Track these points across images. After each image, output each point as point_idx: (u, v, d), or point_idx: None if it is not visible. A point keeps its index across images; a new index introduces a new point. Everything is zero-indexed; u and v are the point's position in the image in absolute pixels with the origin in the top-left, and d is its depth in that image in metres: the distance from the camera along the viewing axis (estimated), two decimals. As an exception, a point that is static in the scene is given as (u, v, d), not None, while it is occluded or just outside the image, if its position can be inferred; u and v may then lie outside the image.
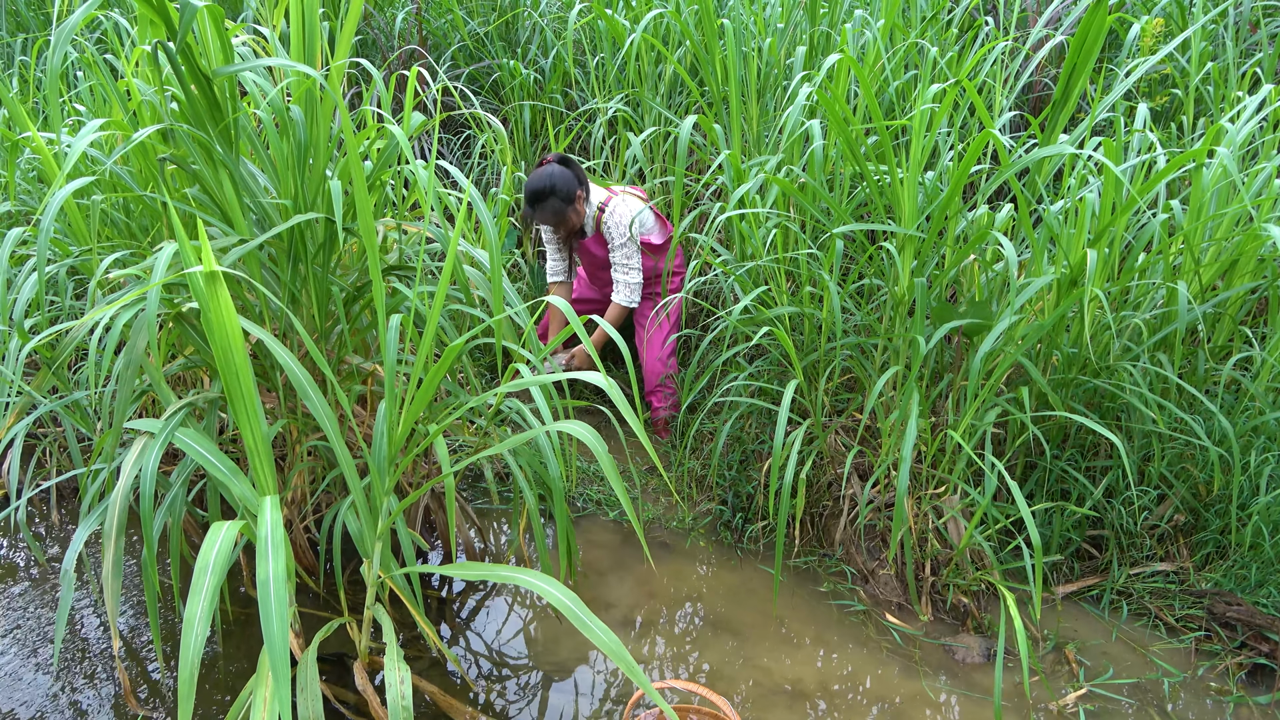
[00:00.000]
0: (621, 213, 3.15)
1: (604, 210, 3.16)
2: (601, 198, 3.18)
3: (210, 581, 1.39)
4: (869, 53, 2.92)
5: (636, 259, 3.20)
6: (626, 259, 3.20)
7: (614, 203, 3.16)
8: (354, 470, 1.80)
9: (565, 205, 3.10)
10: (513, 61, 4.05)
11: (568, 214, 3.13)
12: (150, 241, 2.35)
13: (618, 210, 3.15)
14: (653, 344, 3.35)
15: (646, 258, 3.27)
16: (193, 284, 1.40)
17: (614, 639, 1.45)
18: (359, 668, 2.02)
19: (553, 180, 3.06)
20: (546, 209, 3.10)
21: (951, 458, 2.44)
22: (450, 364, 1.67)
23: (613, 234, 3.17)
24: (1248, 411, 2.53)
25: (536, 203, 3.09)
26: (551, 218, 3.13)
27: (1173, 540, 2.61)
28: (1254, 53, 3.60)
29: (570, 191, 3.09)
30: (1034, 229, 2.56)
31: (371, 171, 2.18)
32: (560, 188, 3.06)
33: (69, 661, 2.32)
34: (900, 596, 2.56)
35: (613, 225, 3.15)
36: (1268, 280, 2.47)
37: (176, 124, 1.85)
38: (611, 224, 3.15)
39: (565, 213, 3.12)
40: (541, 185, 3.06)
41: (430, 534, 2.74)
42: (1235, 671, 2.31)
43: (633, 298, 3.23)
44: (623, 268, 3.22)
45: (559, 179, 3.06)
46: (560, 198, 3.08)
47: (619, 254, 3.21)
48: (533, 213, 3.13)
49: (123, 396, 1.79)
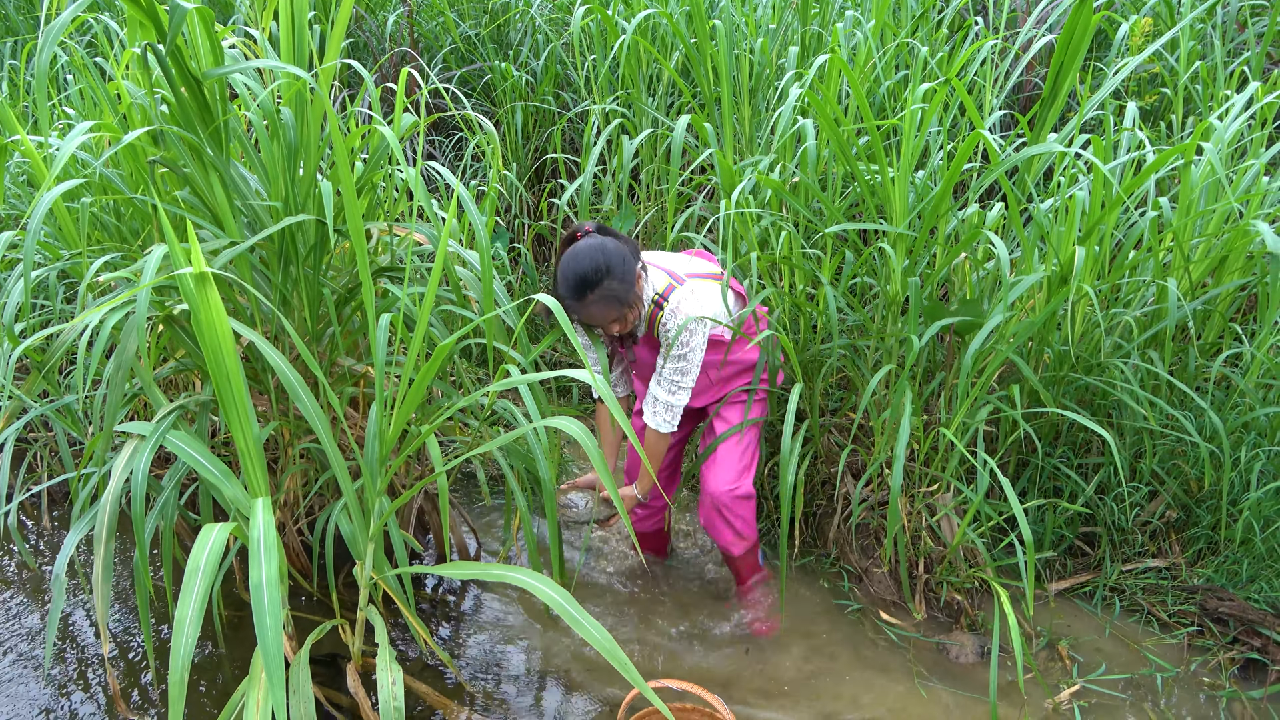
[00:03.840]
0: (689, 312, 2.16)
1: (662, 305, 2.19)
2: (661, 284, 2.21)
3: (201, 584, 1.38)
4: (860, 53, 2.93)
5: (691, 379, 2.25)
6: (679, 375, 2.23)
7: (678, 296, 2.17)
8: (346, 472, 1.80)
9: (626, 290, 2.12)
10: (504, 64, 4.05)
11: (628, 303, 2.14)
12: (141, 244, 2.35)
13: (683, 308, 2.16)
14: (724, 461, 2.38)
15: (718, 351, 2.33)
16: (183, 286, 1.40)
17: (607, 636, 1.45)
18: (351, 669, 2.01)
19: (605, 258, 2.08)
20: (601, 298, 2.10)
21: (944, 456, 2.44)
22: (440, 364, 1.67)
23: (670, 339, 2.19)
24: (1238, 408, 2.54)
25: (586, 292, 2.08)
26: (609, 310, 2.13)
27: (1165, 536, 2.62)
28: (1242, 51, 3.62)
29: (629, 271, 2.11)
30: (1024, 227, 2.56)
31: (362, 174, 2.18)
32: (616, 266, 2.08)
33: (60, 666, 2.31)
34: (894, 595, 2.56)
35: (672, 328, 2.17)
36: (1256, 277, 2.48)
37: (167, 126, 1.85)
38: (671, 326, 2.17)
39: (626, 300, 2.13)
40: (590, 267, 2.08)
41: (423, 535, 2.73)
42: (1228, 666, 2.32)
43: (671, 423, 2.29)
44: (670, 384, 2.25)
45: (612, 255, 2.09)
46: (618, 279, 2.10)
47: (671, 367, 2.23)
48: (579, 307, 2.12)
49: (113, 400, 1.78)
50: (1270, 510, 2.41)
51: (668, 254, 2.39)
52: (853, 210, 2.87)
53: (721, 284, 2.29)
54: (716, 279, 2.30)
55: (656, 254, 2.34)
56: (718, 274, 2.32)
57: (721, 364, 2.35)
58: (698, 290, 2.23)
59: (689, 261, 2.36)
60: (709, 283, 2.29)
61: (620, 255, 2.11)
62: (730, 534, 2.41)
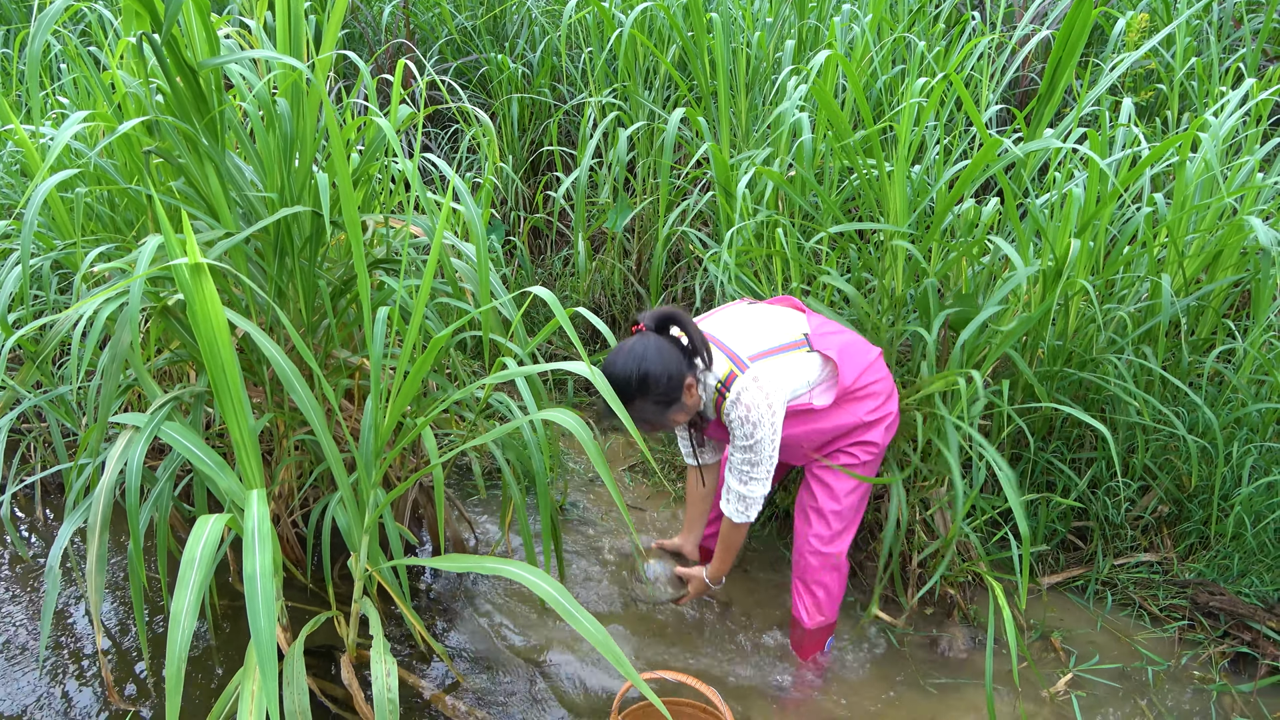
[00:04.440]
0: (751, 403, 1.97)
1: (725, 393, 2.00)
2: (722, 371, 2.00)
3: (197, 575, 1.38)
4: (857, 47, 2.92)
5: (765, 469, 2.05)
6: (749, 465, 2.05)
7: (739, 386, 1.97)
8: (341, 464, 1.80)
9: (664, 408, 1.98)
10: (501, 55, 4.04)
11: (670, 415, 2.01)
12: (135, 235, 2.34)
13: (744, 398, 1.97)
14: (815, 520, 2.22)
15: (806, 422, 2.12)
16: (178, 276, 1.39)
17: (600, 629, 1.45)
18: (346, 661, 2.02)
19: (641, 371, 1.92)
20: (639, 411, 1.98)
21: (939, 451, 2.45)
22: (436, 356, 1.67)
23: (734, 429, 2.03)
24: (1230, 403, 2.56)
25: (625, 402, 1.93)
26: (654, 417, 2.01)
27: (1156, 531, 2.63)
28: (1238, 48, 3.63)
29: (675, 382, 1.95)
30: (1020, 222, 2.57)
31: (358, 165, 2.18)
32: (653, 380, 1.92)
33: (55, 657, 2.31)
34: (887, 588, 2.57)
35: (735, 419, 2.00)
36: (1250, 273, 2.49)
37: (162, 116, 1.84)
38: (734, 416, 2.00)
39: (667, 410, 1.99)
40: (623, 381, 1.93)
41: (418, 529, 2.74)
42: (1218, 660, 2.33)
43: (747, 513, 2.12)
44: (741, 474, 2.08)
45: (651, 367, 1.92)
46: (657, 398, 1.95)
47: (739, 456, 2.06)
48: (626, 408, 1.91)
49: (107, 391, 1.78)
50: (1261, 505, 2.42)
51: (742, 316, 2.14)
52: (849, 204, 2.87)
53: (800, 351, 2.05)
54: (793, 348, 2.06)
55: (726, 319, 2.12)
56: (794, 343, 2.07)
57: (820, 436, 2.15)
58: (762, 377, 1.98)
59: (765, 327, 2.09)
60: (781, 358, 2.03)
61: (661, 366, 1.92)
62: (809, 601, 2.27)
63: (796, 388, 2.06)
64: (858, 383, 2.09)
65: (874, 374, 2.14)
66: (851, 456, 2.17)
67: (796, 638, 2.36)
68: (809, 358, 2.06)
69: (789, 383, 2.03)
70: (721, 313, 2.17)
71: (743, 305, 2.21)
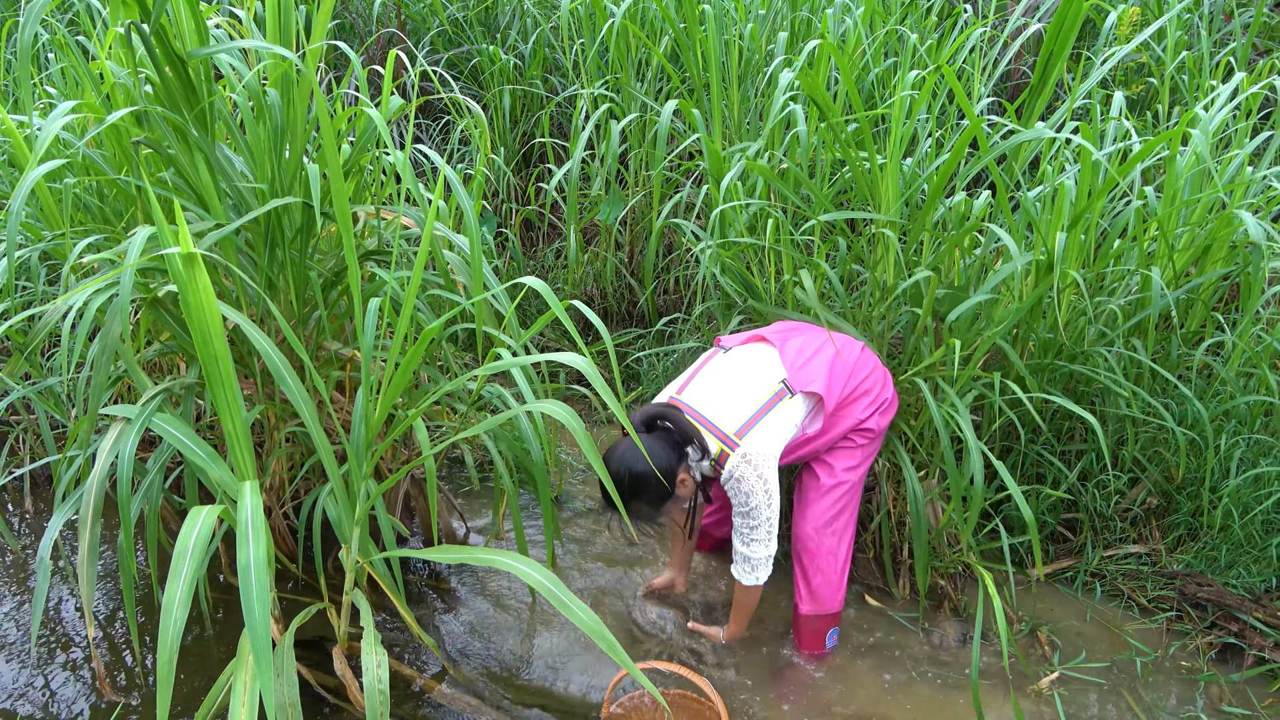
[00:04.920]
0: (743, 477, 2.04)
1: (721, 468, 2.08)
2: (714, 450, 2.06)
3: (189, 566, 1.38)
4: (850, 39, 2.92)
5: (765, 530, 2.11)
6: (748, 529, 2.13)
7: (731, 464, 2.05)
8: (332, 456, 1.79)
9: (658, 503, 2.07)
10: (492, 47, 4.02)
11: (666, 508, 2.11)
12: (125, 226, 2.32)
13: (736, 473, 2.05)
14: (814, 500, 2.26)
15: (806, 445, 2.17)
16: (171, 266, 1.38)
17: (594, 618, 1.46)
18: (338, 652, 2.02)
19: (635, 472, 2.00)
20: (634, 511, 2.08)
21: (931, 441, 2.46)
22: (427, 347, 1.67)
23: (731, 497, 2.12)
24: (1219, 396, 2.57)
25: (622, 502, 1.96)
26: (647, 520, 2.13)
27: (1145, 523, 2.65)
28: (1228, 42, 3.64)
29: (668, 478, 2.03)
30: (1011, 215, 2.58)
31: (349, 156, 2.17)
32: (644, 484, 2.01)
33: (45, 650, 2.30)
34: (879, 579, 2.59)
35: (730, 489, 2.10)
36: (1239, 266, 2.50)
37: (151, 107, 1.83)
38: (729, 488, 2.10)
39: (660, 507, 2.10)
40: (616, 481, 2.01)
41: (410, 520, 2.73)
42: (1206, 650, 2.35)
43: (754, 575, 2.17)
44: (743, 537, 2.15)
45: (641, 472, 2.00)
46: (646, 498, 2.05)
47: (738, 520, 2.14)
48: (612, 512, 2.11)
49: (97, 382, 1.77)
50: (1249, 497, 2.44)
51: (718, 376, 2.17)
52: (840, 197, 2.87)
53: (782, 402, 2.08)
54: (775, 402, 2.08)
55: (705, 386, 2.16)
56: (775, 395, 2.09)
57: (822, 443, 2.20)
58: (752, 453, 2.04)
59: (743, 386, 2.12)
60: (767, 420, 2.07)
61: (650, 469, 1.99)
62: (804, 586, 2.29)
63: (788, 436, 2.11)
64: (845, 394, 2.14)
65: (860, 373, 2.17)
66: (850, 442, 2.21)
67: (796, 626, 2.37)
68: (792, 403, 2.10)
69: (779, 439, 2.09)
70: (699, 376, 2.19)
71: (717, 359, 2.22)
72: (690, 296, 3.48)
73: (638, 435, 1.97)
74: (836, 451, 2.22)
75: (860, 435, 2.20)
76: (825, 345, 2.17)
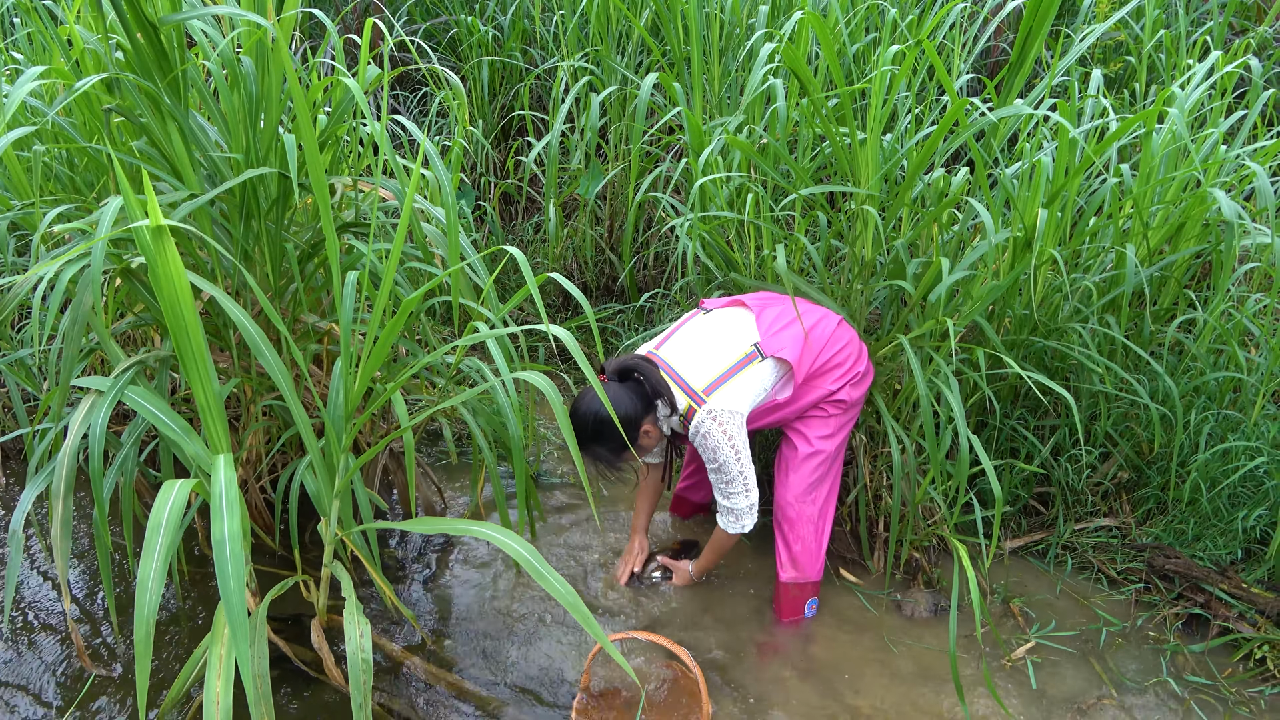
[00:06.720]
0: (708, 433, 2.10)
1: (690, 423, 2.13)
2: (682, 405, 2.13)
3: (163, 540, 1.37)
4: (830, 14, 2.91)
5: (740, 483, 2.17)
6: (723, 483, 2.19)
7: (698, 420, 2.11)
8: (310, 429, 1.79)
9: (621, 448, 2.14)
10: (471, 18, 3.97)
11: (634, 449, 2.15)
12: (96, 196, 2.29)
13: (702, 429, 2.10)
14: (793, 469, 2.30)
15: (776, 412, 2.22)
16: (139, 239, 1.37)
17: (570, 591, 1.47)
18: (316, 625, 2.02)
19: (601, 417, 2.08)
20: (599, 454, 2.16)
21: (907, 415, 2.48)
22: (406, 319, 1.66)
23: (702, 454, 2.18)
24: (1189, 372, 2.61)
25: (585, 446, 2.15)
26: (606, 464, 2.19)
27: (1116, 497, 2.70)
28: (1205, 21, 3.66)
29: (631, 428, 2.11)
30: (990, 191, 2.59)
31: (325, 127, 2.14)
32: (608, 432, 2.08)
33: (20, 624, 2.29)
34: (854, 552, 2.62)
35: (698, 445, 2.15)
36: (1211, 244, 2.53)
37: (122, 74, 1.79)
38: (697, 444, 2.15)
39: (621, 456, 2.18)
40: (579, 428, 2.12)
41: (389, 495, 2.73)
42: (1172, 621, 2.40)
43: (739, 523, 2.23)
44: (720, 490, 2.21)
45: (605, 420, 2.07)
46: (609, 444, 2.13)
47: (712, 476, 2.21)
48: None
49: (69, 354, 1.75)
50: (1216, 471, 2.48)
51: (694, 336, 2.22)
52: (820, 173, 2.87)
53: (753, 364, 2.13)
54: (746, 363, 2.13)
55: (681, 343, 2.21)
56: (746, 357, 2.13)
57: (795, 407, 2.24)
58: (718, 409, 2.09)
59: (717, 345, 2.17)
60: (735, 380, 2.12)
61: (619, 414, 2.05)
62: (784, 553, 2.34)
63: (756, 398, 2.15)
64: (815, 365, 2.18)
65: (833, 347, 2.21)
66: (822, 412, 2.25)
67: (776, 594, 2.41)
68: (762, 366, 2.14)
69: (746, 399, 2.13)
70: (677, 334, 2.25)
71: (696, 318, 2.28)
72: (670, 271, 3.47)
73: (610, 383, 2.12)
74: (809, 420, 2.26)
75: (832, 405, 2.23)
76: (803, 316, 2.20)
